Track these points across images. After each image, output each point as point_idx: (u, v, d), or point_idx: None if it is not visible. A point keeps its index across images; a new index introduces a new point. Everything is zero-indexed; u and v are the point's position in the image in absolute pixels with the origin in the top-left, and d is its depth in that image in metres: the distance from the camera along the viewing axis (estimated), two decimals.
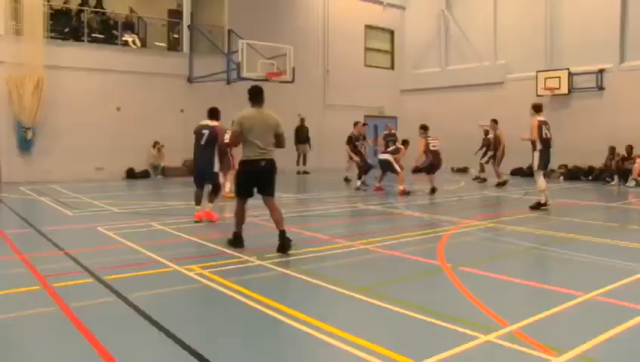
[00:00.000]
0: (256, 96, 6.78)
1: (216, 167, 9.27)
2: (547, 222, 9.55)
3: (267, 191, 6.85)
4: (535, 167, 10.52)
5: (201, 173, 9.26)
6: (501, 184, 15.74)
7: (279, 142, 6.82)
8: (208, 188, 9.27)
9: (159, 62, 18.74)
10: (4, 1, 15.84)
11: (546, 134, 10.44)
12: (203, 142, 9.10)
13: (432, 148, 13.99)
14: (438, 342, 3.85)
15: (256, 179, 6.80)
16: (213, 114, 9.47)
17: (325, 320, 4.20)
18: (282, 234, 6.67)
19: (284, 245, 6.62)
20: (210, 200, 9.23)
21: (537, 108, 10.67)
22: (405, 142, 14.59)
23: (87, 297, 4.89)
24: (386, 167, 13.97)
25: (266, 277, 5.66)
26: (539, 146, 10.38)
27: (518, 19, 21.59)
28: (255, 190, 6.89)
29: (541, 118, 10.54)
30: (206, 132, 9.13)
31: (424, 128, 14.27)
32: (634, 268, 5.93)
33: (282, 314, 4.38)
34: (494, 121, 16.85)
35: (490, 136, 17.12)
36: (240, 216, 6.93)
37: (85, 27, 17.95)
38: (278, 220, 6.75)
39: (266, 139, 6.67)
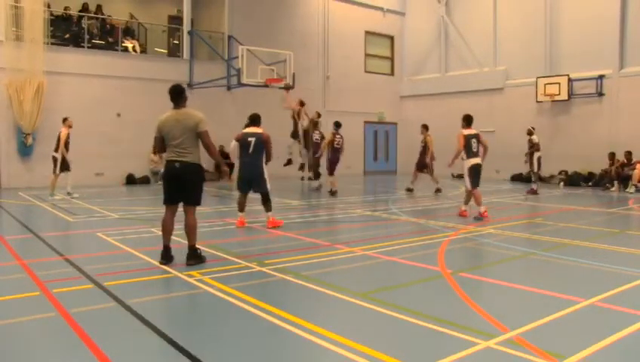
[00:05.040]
0: (174, 96, 6.28)
1: (266, 176, 9.09)
2: (547, 227, 9.55)
3: (184, 198, 6.31)
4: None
5: (248, 181, 9.17)
6: (439, 190, 15.30)
7: (203, 142, 6.21)
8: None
9: (159, 68, 18.80)
10: (5, 8, 15.89)
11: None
12: (250, 150, 8.98)
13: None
14: (438, 348, 3.84)
15: (175, 184, 6.26)
16: (256, 120, 9.25)
17: (325, 326, 4.19)
18: (190, 248, 6.36)
19: (189, 257, 6.33)
20: (268, 209, 9.19)
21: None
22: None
23: (87, 303, 4.88)
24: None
25: (266, 283, 5.66)
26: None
27: (517, 25, 21.67)
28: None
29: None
30: (252, 140, 8.99)
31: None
32: (634, 274, 5.93)
33: (282, 319, 4.37)
34: (424, 127, 15.84)
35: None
36: (164, 226, 6.41)
37: (85, 33, 18.00)
38: (187, 233, 6.36)
39: (186, 140, 6.14)
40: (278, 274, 5.90)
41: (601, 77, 19.04)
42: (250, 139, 9.01)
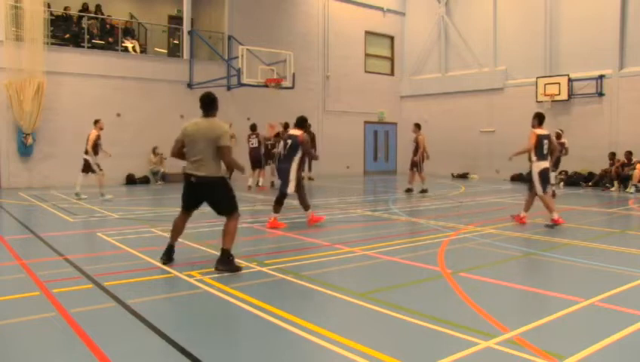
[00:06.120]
0: (205, 105, 6.11)
1: (292, 177, 9.10)
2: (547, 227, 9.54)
3: (217, 210, 6.20)
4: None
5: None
6: (424, 191, 15.08)
7: (222, 156, 5.94)
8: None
9: (159, 68, 18.78)
10: (5, 8, 15.89)
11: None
12: (285, 151, 9.08)
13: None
14: (438, 348, 3.84)
15: (196, 195, 6.13)
16: (299, 122, 9.30)
17: (325, 326, 4.19)
18: (222, 252, 6.05)
19: (219, 262, 6.04)
20: (275, 210, 9.20)
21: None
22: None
23: (87, 303, 4.88)
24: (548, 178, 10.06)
25: (266, 283, 5.65)
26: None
27: (517, 25, 21.67)
28: (202, 204, 6.27)
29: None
30: (289, 141, 9.07)
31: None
32: (634, 274, 5.93)
33: (282, 319, 4.37)
34: (417, 126, 15.78)
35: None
36: (174, 226, 6.36)
37: (85, 33, 18.00)
38: (222, 235, 6.10)
39: (203, 152, 5.89)
40: (278, 274, 5.90)
41: (601, 77, 19.03)
42: (288, 140, 9.20)
